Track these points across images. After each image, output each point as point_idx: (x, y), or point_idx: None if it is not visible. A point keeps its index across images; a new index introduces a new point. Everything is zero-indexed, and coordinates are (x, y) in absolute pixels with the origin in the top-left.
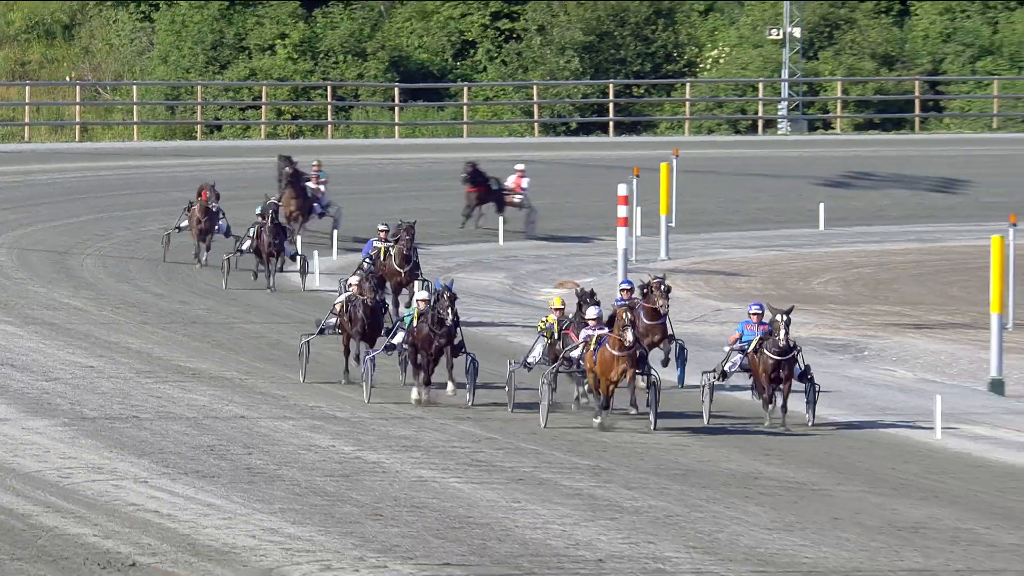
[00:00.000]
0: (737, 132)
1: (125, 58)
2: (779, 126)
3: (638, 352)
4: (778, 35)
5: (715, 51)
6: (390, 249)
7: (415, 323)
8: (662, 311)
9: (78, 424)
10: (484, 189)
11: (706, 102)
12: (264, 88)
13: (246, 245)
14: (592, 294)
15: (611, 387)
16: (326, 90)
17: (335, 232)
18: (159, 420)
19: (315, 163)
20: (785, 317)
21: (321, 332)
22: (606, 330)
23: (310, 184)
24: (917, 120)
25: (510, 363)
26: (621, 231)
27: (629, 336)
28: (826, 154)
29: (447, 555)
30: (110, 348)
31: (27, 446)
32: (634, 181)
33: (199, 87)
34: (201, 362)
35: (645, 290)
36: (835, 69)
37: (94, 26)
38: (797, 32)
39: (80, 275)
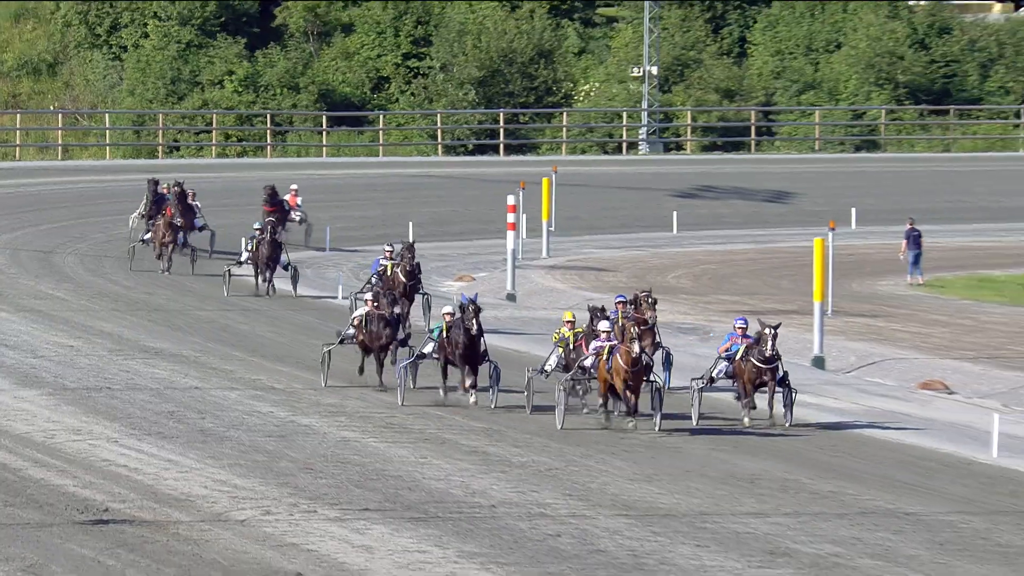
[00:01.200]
0: (605, 152)
1: (99, 91)
2: (640, 148)
3: (644, 361)
4: (639, 73)
5: (587, 86)
6: (395, 267)
7: (444, 334)
8: (650, 321)
9: (60, 394)
10: (278, 209)
11: (580, 128)
12: (214, 116)
13: (244, 257)
14: (603, 309)
15: (622, 391)
16: (266, 118)
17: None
18: (127, 391)
19: (177, 184)
20: (773, 331)
21: (341, 342)
22: (616, 342)
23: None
24: (753, 143)
25: (528, 370)
26: (510, 234)
27: (636, 348)
28: (678, 171)
29: (366, 502)
30: (87, 331)
31: (17, 412)
32: (520, 193)
33: (160, 115)
34: (162, 343)
35: (634, 303)
36: (685, 101)
37: (74, 64)
38: (655, 70)
39: (62, 271)
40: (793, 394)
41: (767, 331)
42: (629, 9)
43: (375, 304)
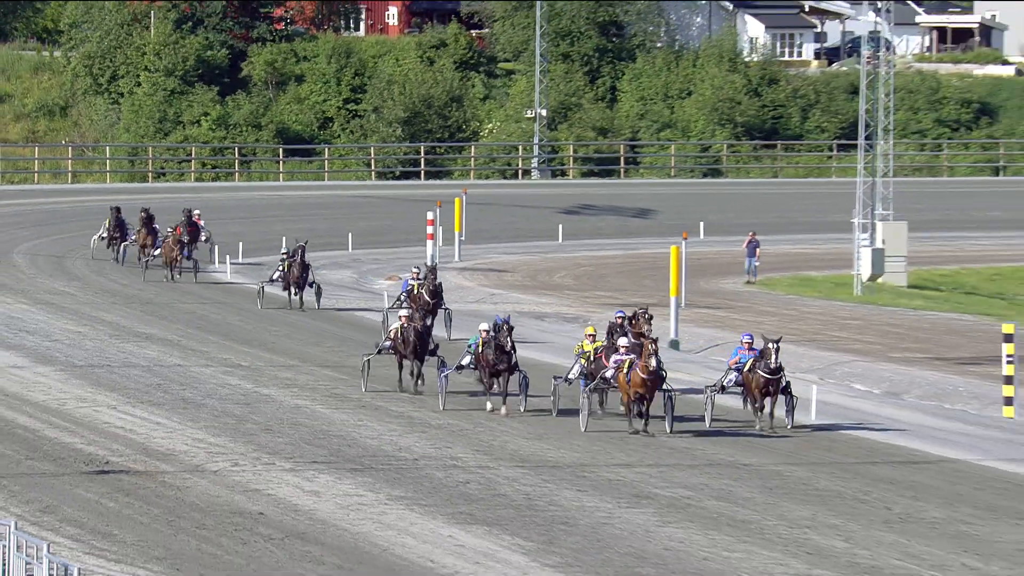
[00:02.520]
0: (505, 178)
1: (101, 128)
2: (532, 174)
3: (660, 373)
4: (531, 114)
5: (490, 124)
6: (421, 287)
7: (480, 349)
8: (647, 335)
9: (70, 370)
10: (194, 228)
11: (484, 158)
12: (193, 148)
13: (276, 275)
14: (621, 326)
15: (637, 399)
16: (234, 150)
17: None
18: (124, 367)
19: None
20: (776, 345)
21: (379, 352)
22: (634, 356)
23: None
24: (622, 170)
25: (554, 379)
26: (429, 242)
27: (653, 363)
28: (563, 193)
29: (314, 456)
30: (91, 320)
31: (35, 384)
32: (438, 210)
33: (150, 147)
34: (152, 329)
35: (632, 318)
36: (568, 136)
37: (80, 107)
38: (543, 112)
39: (71, 272)
40: (794, 400)
41: (770, 345)
42: (523, 63)
43: (409, 319)
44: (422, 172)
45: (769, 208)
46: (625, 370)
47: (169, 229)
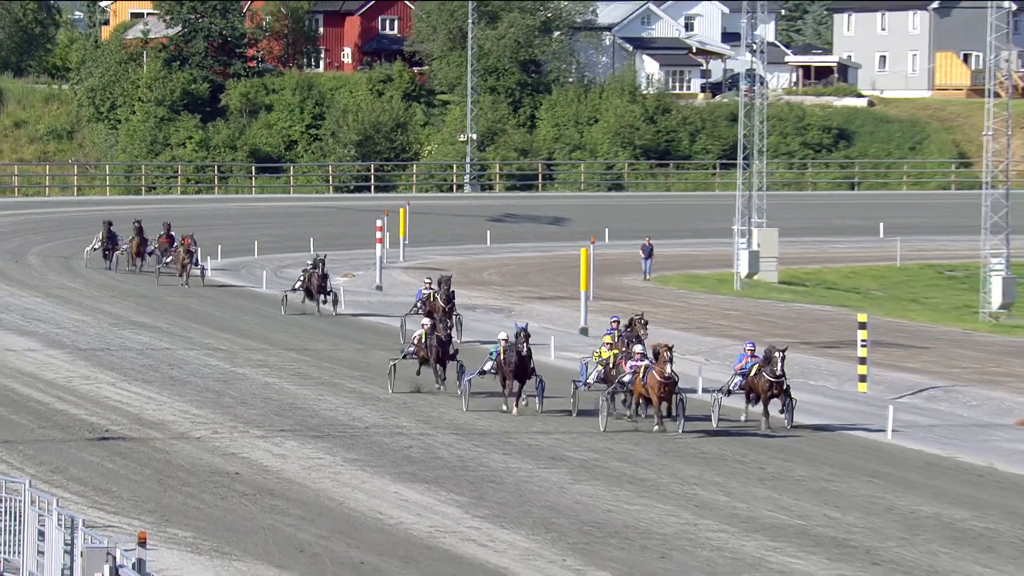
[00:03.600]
0: (441, 191)
1: (102, 149)
2: (465, 188)
3: (674, 378)
4: (464, 138)
5: (430, 146)
6: (435, 295)
7: (501, 355)
8: (643, 338)
9: (76, 352)
10: (172, 239)
11: (425, 174)
12: (179, 166)
13: (298, 285)
14: (638, 336)
15: (656, 402)
16: (214, 168)
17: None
18: (121, 350)
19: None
20: (782, 353)
21: (404, 357)
22: (647, 361)
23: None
24: (540, 184)
25: (574, 383)
26: (378, 246)
27: (668, 369)
28: (490, 204)
29: (282, 425)
30: (93, 311)
31: (47, 364)
32: (385, 218)
33: (143, 165)
34: (145, 319)
35: (629, 324)
36: (495, 156)
37: (84, 132)
38: (474, 136)
39: (76, 270)
40: (793, 402)
41: (777, 354)
42: (457, 95)
43: (432, 327)
44: (372, 186)
45: (663, 217)
46: (641, 374)
47: (157, 237)
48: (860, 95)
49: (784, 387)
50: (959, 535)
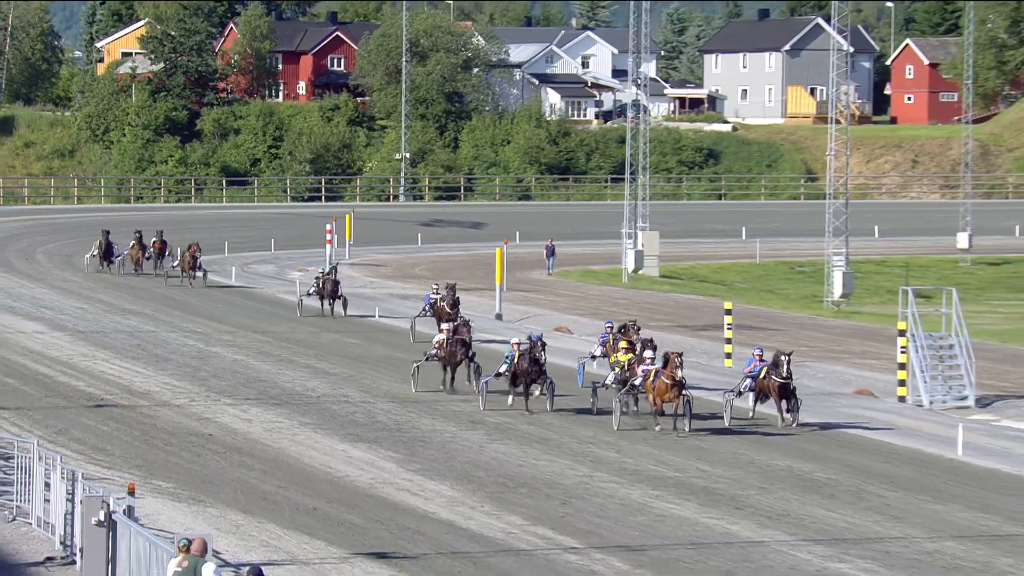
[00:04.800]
0: (380, 201)
1: (98, 166)
2: (400, 198)
3: (682, 382)
4: (399, 156)
5: (371, 163)
6: (442, 300)
7: (516, 360)
8: (635, 342)
9: (76, 334)
10: (165, 244)
11: (367, 186)
12: (162, 180)
13: (312, 289)
14: (651, 340)
15: (663, 404)
16: (191, 181)
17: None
18: (114, 333)
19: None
20: (787, 357)
21: (427, 359)
22: (658, 365)
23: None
24: (462, 195)
25: (592, 384)
26: (328, 246)
27: (679, 373)
28: (421, 211)
29: (247, 394)
30: (91, 300)
31: (52, 344)
32: (333, 223)
33: (132, 179)
34: (134, 306)
35: (623, 329)
36: (424, 171)
37: (83, 151)
38: (408, 155)
39: (77, 266)
40: (799, 402)
41: (783, 358)
42: (393, 121)
43: (454, 332)
44: (323, 196)
45: (563, 222)
46: (652, 378)
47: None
48: (726, 122)
49: (791, 388)
50: (807, 484)
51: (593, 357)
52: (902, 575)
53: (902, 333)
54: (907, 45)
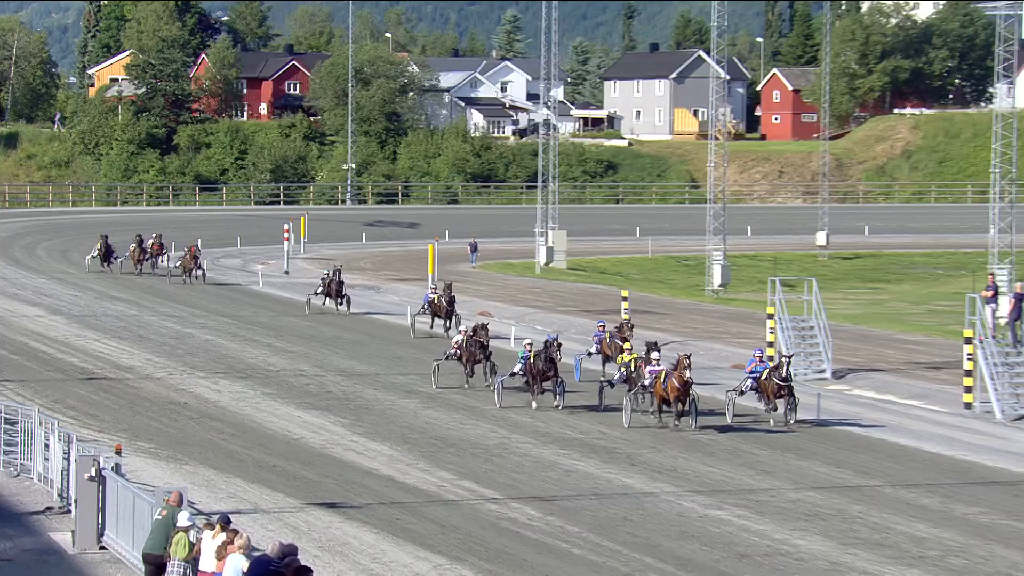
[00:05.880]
0: (331, 204)
1: (90, 174)
2: (347, 202)
3: (689, 382)
4: (347, 167)
5: (323, 172)
6: (440, 297)
7: (531, 360)
8: (629, 338)
9: (71, 318)
10: (163, 246)
11: (318, 192)
12: (144, 186)
13: (320, 289)
14: (656, 343)
15: (673, 402)
16: (170, 187)
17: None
18: (103, 316)
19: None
20: (788, 359)
21: (447, 359)
22: (665, 366)
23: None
24: (400, 199)
25: (600, 380)
26: (285, 243)
27: (688, 375)
28: (365, 213)
29: (217, 369)
30: (84, 288)
31: (51, 326)
32: (290, 223)
33: (119, 186)
34: (120, 294)
35: (619, 328)
36: (368, 179)
37: (77, 162)
38: (354, 165)
39: (72, 260)
40: (797, 401)
41: (783, 360)
42: (341, 137)
43: (472, 334)
44: (281, 200)
45: (485, 223)
46: (662, 379)
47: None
48: (622, 138)
49: (790, 389)
50: (691, 444)
51: (589, 354)
52: (770, 520)
53: (771, 316)
54: (774, 74)
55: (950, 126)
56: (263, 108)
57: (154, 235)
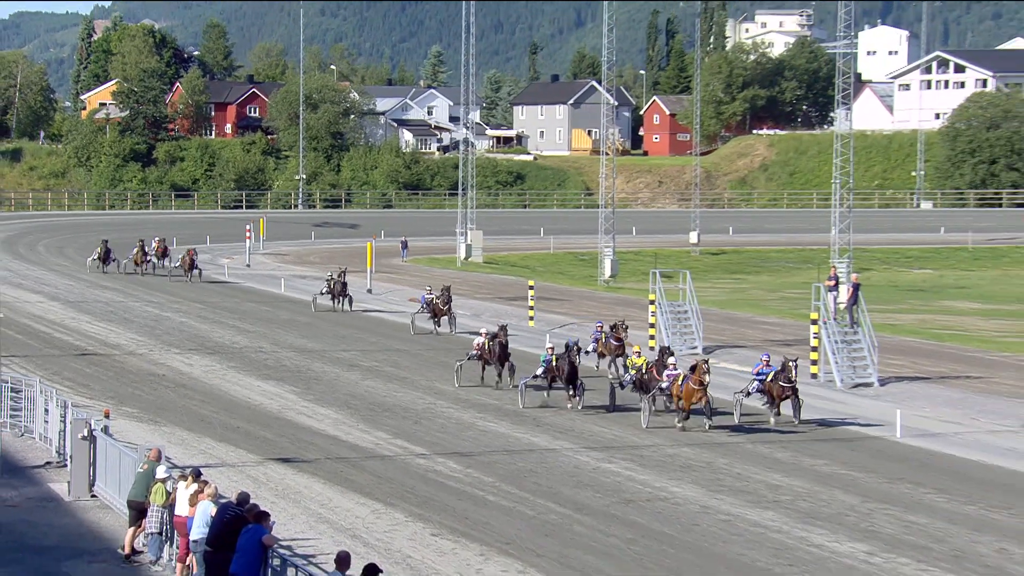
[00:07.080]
0: (286, 209)
1: (83, 183)
2: (299, 207)
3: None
4: (299, 177)
5: (278, 182)
6: (437, 299)
7: (554, 363)
8: (624, 339)
9: (67, 303)
10: (168, 248)
11: (275, 199)
12: (129, 193)
13: (324, 289)
14: (669, 348)
15: (689, 405)
16: (150, 194)
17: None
18: (95, 303)
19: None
20: (794, 362)
21: (469, 359)
22: (682, 371)
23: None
24: (343, 203)
25: (610, 379)
26: (247, 240)
27: (707, 379)
28: (314, 215)
29: (191, 347)
30: (78, 279)
31: (49, 310)
32: (251, 225)
33: (107, 193)
34: (112, 284)
35: (614, 328)
36: (316, 188)
37: (72, 173)
38: (304, 176)
39: (68, 254)
40: (801, 401)
41: (791, 363)
42: (294, 152)
43: (493, 336)
44: (244, 205)
45: (415, 225)
46: (680, 382)
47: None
48: (529, 153)
49: (795, 391)
50: (587, 409)
51: (587, 353)
52: (651, 471)
53: (652, 302)
54: (654, 100)
55: (799, 144)
56: (228, 128)
57: (158, 238)
